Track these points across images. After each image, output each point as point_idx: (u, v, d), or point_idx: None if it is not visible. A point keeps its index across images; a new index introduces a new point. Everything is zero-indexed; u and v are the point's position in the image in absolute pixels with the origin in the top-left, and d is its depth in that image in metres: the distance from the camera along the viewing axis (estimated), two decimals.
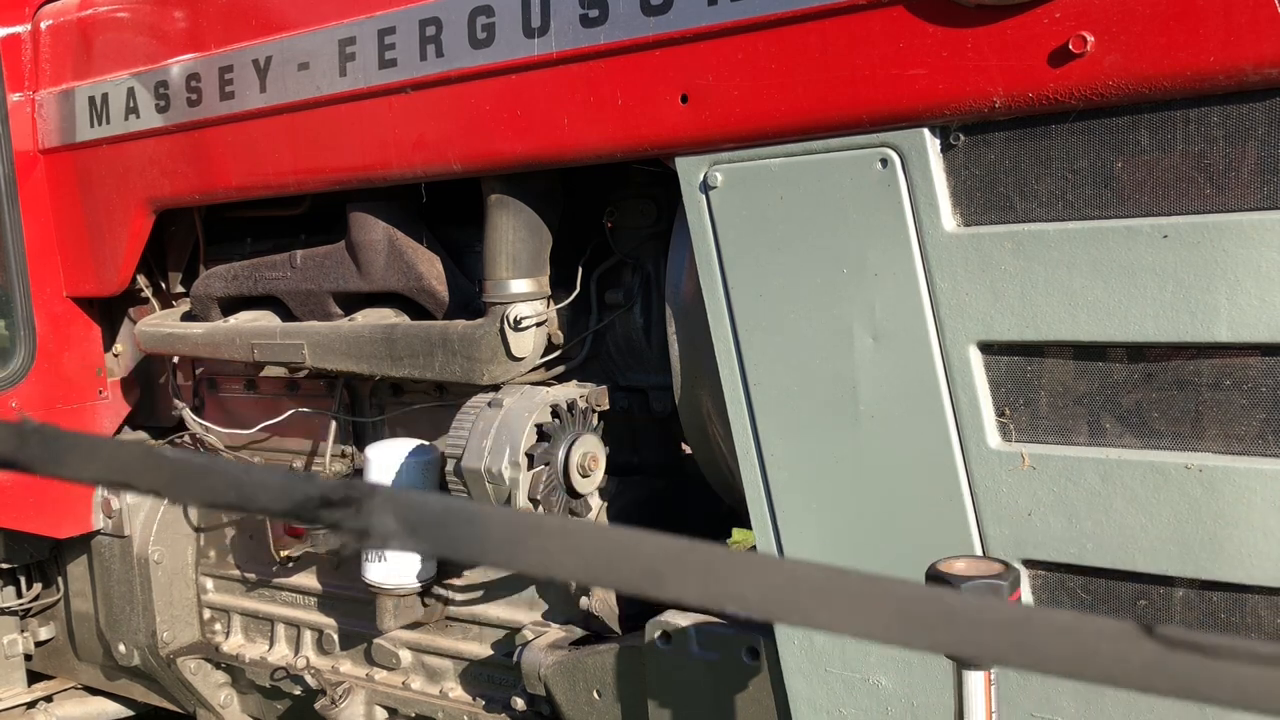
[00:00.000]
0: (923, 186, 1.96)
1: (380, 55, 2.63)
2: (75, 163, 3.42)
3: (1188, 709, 1.86)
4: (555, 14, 2.33)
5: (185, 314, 3.41)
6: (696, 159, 2.21)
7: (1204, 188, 1.75)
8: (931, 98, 1.91)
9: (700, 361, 2.38)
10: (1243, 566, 1.79)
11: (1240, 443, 1.78)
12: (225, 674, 3.67)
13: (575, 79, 2.33)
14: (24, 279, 3.44)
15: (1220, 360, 1.79)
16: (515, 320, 2.60)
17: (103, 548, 3.61)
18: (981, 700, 1.62)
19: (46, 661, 3.96)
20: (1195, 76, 1.70)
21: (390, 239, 2.87)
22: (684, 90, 2.18)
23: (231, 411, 3.58)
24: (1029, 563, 1.98)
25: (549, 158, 2.45)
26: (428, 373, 2.74)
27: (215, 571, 3.63)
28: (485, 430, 2.54)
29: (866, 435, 2.08)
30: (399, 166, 2.68)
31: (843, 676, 2.19)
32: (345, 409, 3.23)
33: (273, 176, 2.95)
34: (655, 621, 2.45)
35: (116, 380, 3.73)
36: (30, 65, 3.49)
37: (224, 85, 2.97)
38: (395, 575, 2.88)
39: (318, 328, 2.96)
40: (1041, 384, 1.94)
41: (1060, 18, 1.78)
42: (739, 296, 2.19)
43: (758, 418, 2.20)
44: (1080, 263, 1.84)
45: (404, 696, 3.12)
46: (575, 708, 2.60)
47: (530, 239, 2.64)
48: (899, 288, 2.00)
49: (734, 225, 2.18)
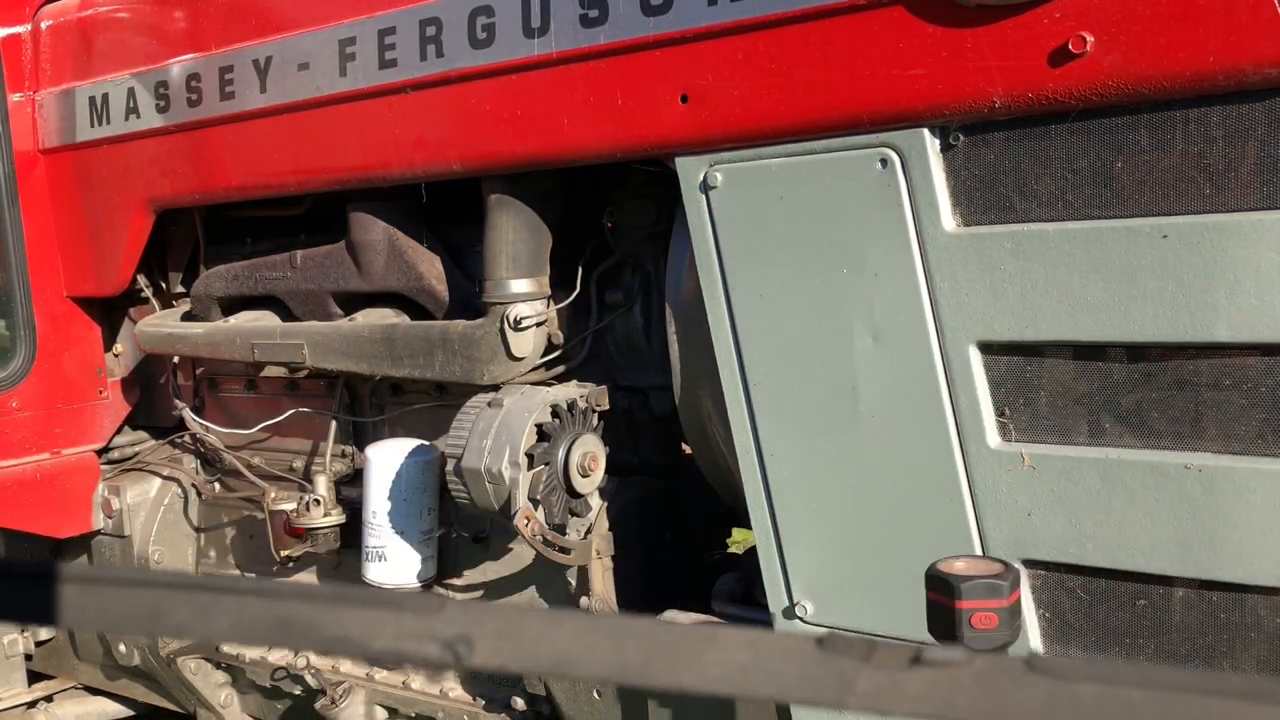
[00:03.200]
0: (922, 186, 1.96)
1: (380, 55, 2.63)
2: (75, 163, 3.42)
3: None
4: (555, 14, 2.33)
5: (185, 314, 3.41)
6: (696, 159, 2.21)
7: (1204, 188, 1.75)
8: (931, 98, 1.91)
9: (700, 361, 2.38)
10: (1242, 566, 1.79)
11: (1240, 443, 1.78)
12: (225, 674, 3.67)
13: (575, 79, 2.33)
14: (24, 279, 3.44)
15: (1220, 360, 1.79)
16: (515, 320, 2.60)
17: (103, 548, 3.61)
18: None
19: (46, 661, 3.96)
20: (1195, 76, 1.70)
21: (390, 239, 2.87)
22: (684, 90, 2.18)
23: (232, 411, 3.58)
24: (1029, 563, 1.98)
25: (549, 158, 2.45)
26: (428, 373, 2.74)
27: (215, 571, 3.63)
28: (485, 430, 2.54)
29: (866, 435, 2.08)
30: (399, 166, 2.68)
31: None
32: (345, 409, 3.23)
33: (273, 176, 2.95)
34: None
35: (117, 380, 3.73)
36: (30, 65, 3.49)
37: (224, 85, 2.97)
38: (395, 575, 2.88)
39: (318, 328, 2.96)
40: (1041, 384, 1.94)
41: (1060, 18, 1.78)
42: (739, 296, 2.19)
43: (758, 418, 2.20)
44: (1080, 263, 1.84)
45: (404, 696, 3.12)
46: (575, 708, 2.60)
47: (530, 239, 2.64)
48: (899, 288, 2.00)
49: (734, 225, 2.18)
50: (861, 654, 0.64)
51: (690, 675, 0.65)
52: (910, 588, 1.82)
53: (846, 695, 0.63)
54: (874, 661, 0.63)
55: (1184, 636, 1.88)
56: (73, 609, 0.73)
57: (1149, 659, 1.92)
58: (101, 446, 3.68)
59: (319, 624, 0.70)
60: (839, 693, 0.63)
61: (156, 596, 0.73)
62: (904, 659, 0.63)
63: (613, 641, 0.67)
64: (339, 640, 0.70)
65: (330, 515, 3.04)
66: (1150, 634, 1.91)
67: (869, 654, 0.64)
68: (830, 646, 0.65)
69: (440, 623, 0.69)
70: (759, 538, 2.24)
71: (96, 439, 3.66)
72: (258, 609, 0.71)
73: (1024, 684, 0.62)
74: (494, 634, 0.68)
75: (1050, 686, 0.61)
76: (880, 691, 0.63)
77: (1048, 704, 0.61)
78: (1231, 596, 1.83)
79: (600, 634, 0.68)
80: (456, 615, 0.69)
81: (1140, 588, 1.91)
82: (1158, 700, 0.60)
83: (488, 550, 2.96)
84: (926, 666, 0.63)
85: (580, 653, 0.67)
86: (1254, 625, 1.83)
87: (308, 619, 0.70)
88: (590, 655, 0.67)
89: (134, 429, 3.83)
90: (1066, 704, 0.61)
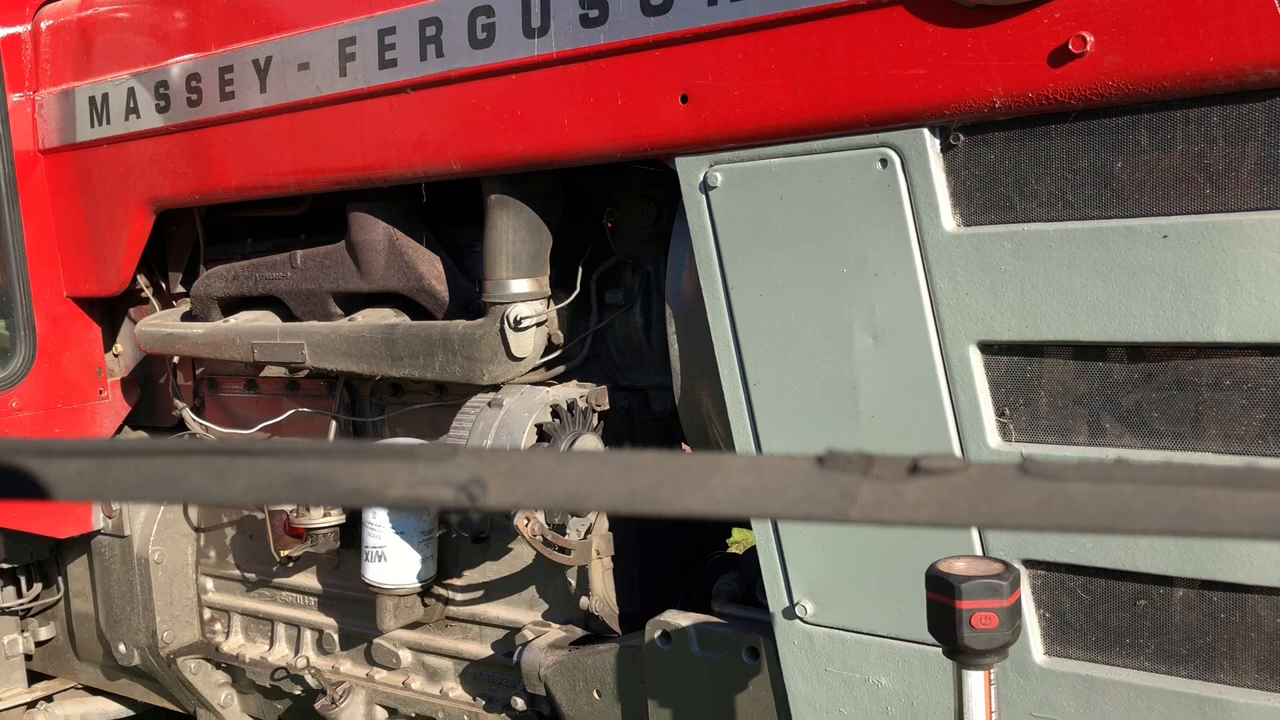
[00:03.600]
0: (922, 186, 1.96)
1: (380, 55, 2.63)
2: (75, 163, 3.42)
3: (1188, 707, 1.86)
4: (555, 14, 2.33)
5: (185, 314, 3.41)
6: (696, 159, 2.21)
7: (1204, 188, 1.76)
8: (931, 98, 1.91)
9: (700, 361, 2.38)
10: (1243, 566, 1.79)
11: (1240, 443, 1.79)
12: (225, 674, 3.67)
13: (575, 79, 2.33)
14: (24, 279, 3.44)
15: (1220, 360, 1.79)
16: (515, 320, 2.60)
17: (103, 548, 3.61)
18: (981, 700, 1.62)
19: (46, 661, 3.96)
20: (1195, 76, 1.70)
21: (390, 239, 2.87)
22: (684, 90, 2.18)
23: (232, 411, 3.58)
24: (1029, 562, 1.98)
25: (549, 158, 2.45)
26: (428, 373, 2.74)
27: (215, 571, 3.63)
28: (485, 430, 2.54)
29: (866, 435, 2.08)
30: (399, 166, 2.68)
31: (842, 676, 2.19)
32: (345, 409, 3.23)
33: (273, 176, 2.95)
34: (655, 621, 2.45)
35: (117, 380, 3.73)
36: (30, 65, 3.49)
37: (224, 85, 2.97)
38: (395, 575, 2.88)
39: (318, 328, 2.96)
40: (1041, 384, 1.94)
41: (1060, 18, 1.78)
42: (739, 296, 2.19)
43: (758, 418, 2.20)
44: (1080, 263, 1.84)
45: (404, 696, 3.12)
46: (575, 708, 2.60)
47: (530, 239, 2.64)
48: (899, 288, 2.00)
49: (734, 225, 2.18)
50: (861, 468, 0.65)
51: (697, 500, 0.67)
52: (910, 588, 1.82)
53: (849, 508, 0.64)
54: (873, 474, 0.65)
55: (1184, 636, 1.88)
56: (88, 482, 0.73)
57: (1149, 659, 1.92)
58: None
59: (335, 478, 0.71)
60: (841, 506, 0.64)
61: (171, 464, 0.73)
62: (902, 469, 0.65)
63: (620, 474, 0.68)
64: (355, 492, 0.71)
65: (330, 515, 3.05)
66: (1150, 634, 1.91)
67: (868, 467, 0.65)
68: (830, 463, 0.66)
69: (453, 468, 0.70)
70: (759, 538, 2.24)
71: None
72: (273, 468, 0.72)
73: (1019, 486, 0.63)
74: (506, 474, 0.69)
75: (1044, 487, 0.63)
76: (881, 503, 0.64)
77: (1043, 504, 0.63)
78: (1231, 596, 1.84)
79: (608, 467, 0.69)
80: (469, 460, 0.70)
81: (1140, 588, 1.91)
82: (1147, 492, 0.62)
83: (488, 550, 2.96)
84: (924, 475, 0.64)
85: (590, 486, 0.69)
86: (1254, 625, 1.83)
87: (323, 474, 0.71)
88: (599, 488, 0.68)
89: (134, 429, 3.83)
90: (1061, 502, 0.62)
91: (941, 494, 0.64)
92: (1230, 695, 1.83)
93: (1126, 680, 1.92)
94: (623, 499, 0.68)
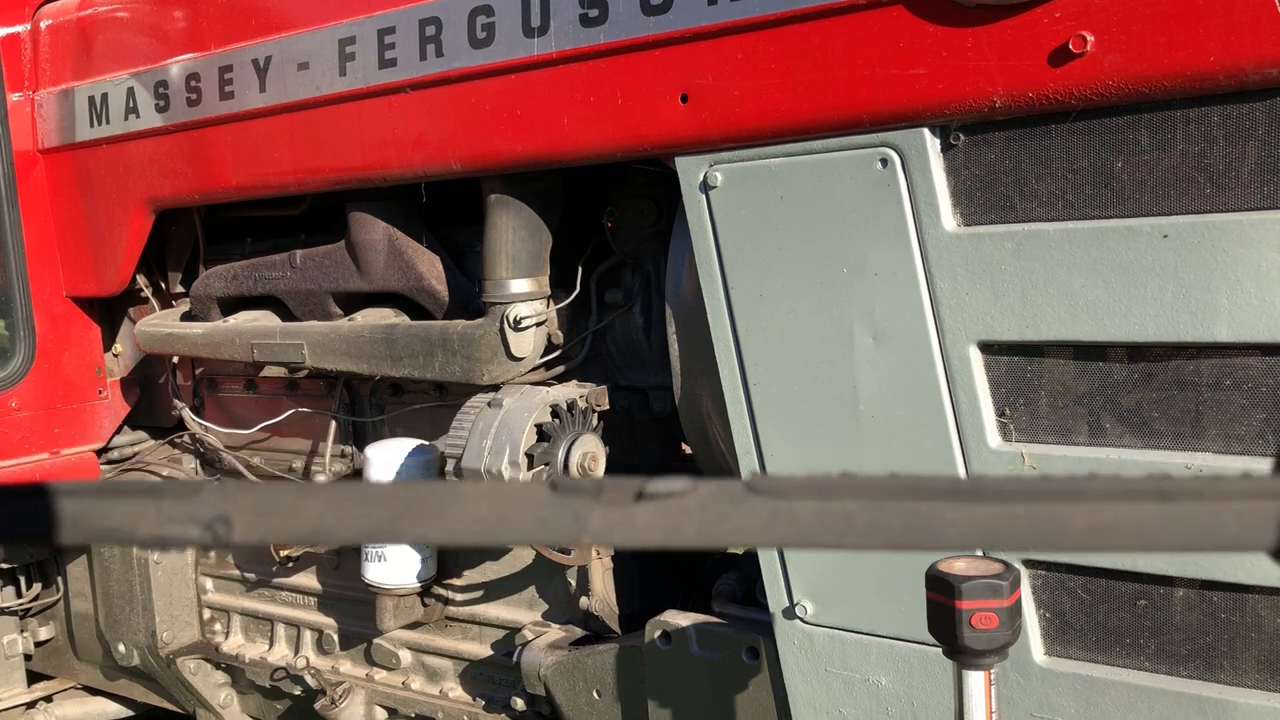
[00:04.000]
0: (923, 186, 1.96)
1: (380, 55, 2.63)
2: (75, 163, 3.42)
3: (1188, 707, 1.86)
4: (555, 14, 2.33)
5: (185, 314, 3.41)
6: (696, 159, 2.21)
7: (1204, 188, 1.75)
8: (931, 97, 1.91)
9: (700, 361, 2.38)
10: (1243, 566, 1.79)
11: (1240, 443, 1.78)
12: (225, 674, 3.67)
13: (575, 79, 2.33)
14: (24, 279, 3.44)
15: (1220, 360, 1.79)
16: (515, 320, 2.60)
17: (103, 548, 3.60)
18: (981, 700, 1.62)
19: (46, 661, 3.96)
20: (1195, 76, 1.70)
21: (390, 239, 2.87)
22: (684, 90, 2.18)
23: (231, 411, 3.58)
24: (1029, 562, 1.98)
25: (549, 158, 2.45)
26: (428, 373, 2.74)
27: (215, 571, 3.63)
28: (485, 430, 2.54)
29: (866, 435, 2.07)
30: (399, 166, 2.68)
31: (843, 676, 2.19)
32: (345, 409, 3.23)
33: (273, 176, 2.95)
34: (655, 621, 2.45)
35: (116, 380, 3.73)
36: (30, 65, 3.49)
37: (224, 85, 2.97)
38: (395, 575, 2.88)
39: (318, 328, 2.96)
40: (1041, 384, 1.94)
41: (1060, 18, 1.78)
42: (739, 296, 2.19)
43: (758, 418, 2.20)
44: (1080, 263, 1.83)
45: (404, 696, 3.12)
46: (575, 708, 2.60)
47: (530, 239, 2.64)
48: (899, 288, 2.00)
49: (734, 225, 2.18)
50: (592, 493, 0.67)
51: (435, 530, 0.69)
52: (910, 588, 1.82)
53: (581, 533, 0.66)
54: (604, 499, 0.67)
55: (1184, 636, 1.88)
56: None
57: (1149, 659, 1.92)
58: (101, 447, 3.68)
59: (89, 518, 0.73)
60: (575, 531, 0.67)
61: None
62: (630, 494, 0.66)
63: (361, 507, 0.70)
64: (108, 532, 0.73)
65: None
66: (1150, 634, 1.91)
67: (599, 493, 0.67)
68: (563, 489, 0.68)
69: (198, 505, 0.71)
70: None
71: (96, 439, 3.66)
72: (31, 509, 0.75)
73: (745, 506, 0.65)
74: (250, 511, 0.71)
75: (770, 505, 0.65)
76: (612, 526, 0.66)
77: (769, 522, 0.64)
78: (1231, 597, 1.83)
79: (349, 501, 0.71)
80: (213, 497, 0.72)
81: (1140, 588, 1.91)
82: (870, 509, 0.63)
83: (488, 550, 2.96)
84: (651, 500, 0.66)
85: (331, 520, 0.70)
86: (1254, 625, 1.83)
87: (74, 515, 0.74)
88: (340, 521, 0.70)
89: (133, 429, 3.83)
90: (787, 521, 0.64)
91: (670, 516, 0.66)
92: (1230, 695, 1.83)
93: (1127, 680, 1.92)
94: (364, 531, 0.70)
